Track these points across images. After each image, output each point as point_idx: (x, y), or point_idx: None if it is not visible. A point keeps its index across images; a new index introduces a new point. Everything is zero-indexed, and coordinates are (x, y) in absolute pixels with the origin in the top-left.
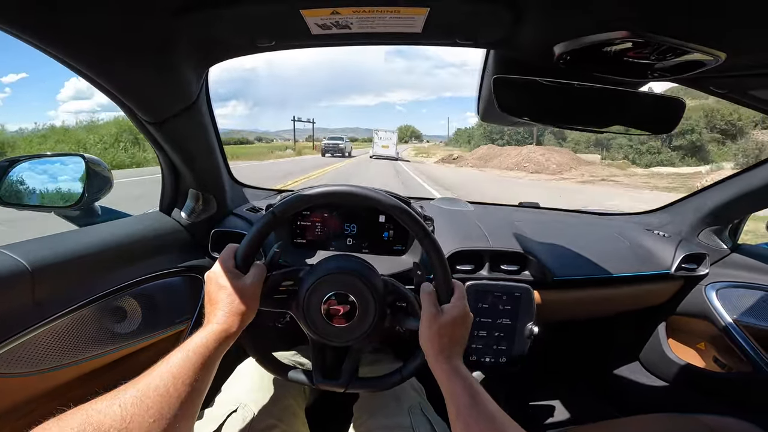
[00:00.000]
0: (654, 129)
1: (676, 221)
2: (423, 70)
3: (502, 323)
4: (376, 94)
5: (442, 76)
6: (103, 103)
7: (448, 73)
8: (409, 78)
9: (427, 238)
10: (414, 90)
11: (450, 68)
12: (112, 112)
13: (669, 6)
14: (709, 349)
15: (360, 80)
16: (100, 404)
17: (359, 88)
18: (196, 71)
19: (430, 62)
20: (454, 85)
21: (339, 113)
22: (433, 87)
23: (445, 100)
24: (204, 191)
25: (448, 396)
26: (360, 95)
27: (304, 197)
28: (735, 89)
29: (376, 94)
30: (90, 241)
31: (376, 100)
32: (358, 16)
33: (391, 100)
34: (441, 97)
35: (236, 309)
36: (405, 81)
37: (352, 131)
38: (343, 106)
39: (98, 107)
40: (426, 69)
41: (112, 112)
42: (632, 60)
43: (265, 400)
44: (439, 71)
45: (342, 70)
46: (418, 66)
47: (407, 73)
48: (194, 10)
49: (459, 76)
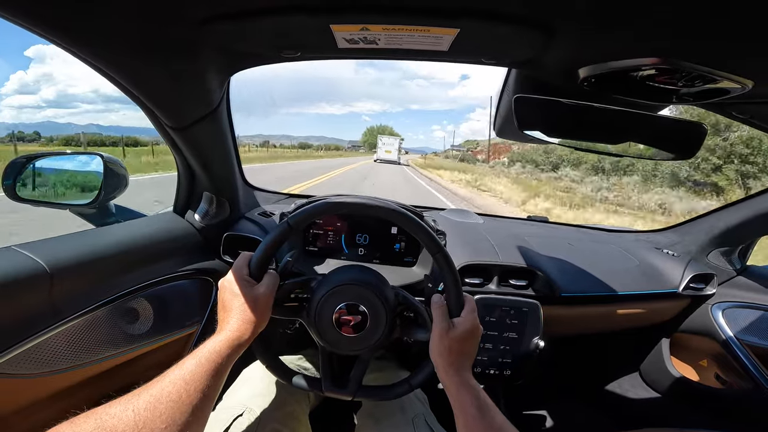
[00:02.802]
0: (674, 153)
1: (685, 241)
2: (392, 82)
3: (509, 337)
4: (344, 103)
5: (410, 88)
6: (49, 98)
7: (416, 85)
8: (377, 89)
9: (440, 252)
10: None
11: (418, 80)
12: (61, 108)
13: (701, 34)
14: (711, 366)
15: (330, 88)
16: (113, 408)
17: (328, 97)
18: (219, 78)
19: (399, 74)
20: (421, 97)
21: (307, 121)
22: (400, 99)
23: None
24: (218, 195)
25: (457, 407)
26: (329, 104)
27: (320, 208)
28: (757, 115)
29: (344, 104)
30: (107, 241)
31: (344, 110)
32: (387, 34)
33: (358, 110)
34: (408, 109)
35: (249, 317)
36: (374, 92)
37: (317, 139)
38: (312, 114)
39: (43, 103)
40: (395, 80)
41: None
42: (658, 85)
43: (269, 404)
44: (408, 83)
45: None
46: (387, 77)
47: (376, 84)
48: (222, 20)
49: (427, 88)
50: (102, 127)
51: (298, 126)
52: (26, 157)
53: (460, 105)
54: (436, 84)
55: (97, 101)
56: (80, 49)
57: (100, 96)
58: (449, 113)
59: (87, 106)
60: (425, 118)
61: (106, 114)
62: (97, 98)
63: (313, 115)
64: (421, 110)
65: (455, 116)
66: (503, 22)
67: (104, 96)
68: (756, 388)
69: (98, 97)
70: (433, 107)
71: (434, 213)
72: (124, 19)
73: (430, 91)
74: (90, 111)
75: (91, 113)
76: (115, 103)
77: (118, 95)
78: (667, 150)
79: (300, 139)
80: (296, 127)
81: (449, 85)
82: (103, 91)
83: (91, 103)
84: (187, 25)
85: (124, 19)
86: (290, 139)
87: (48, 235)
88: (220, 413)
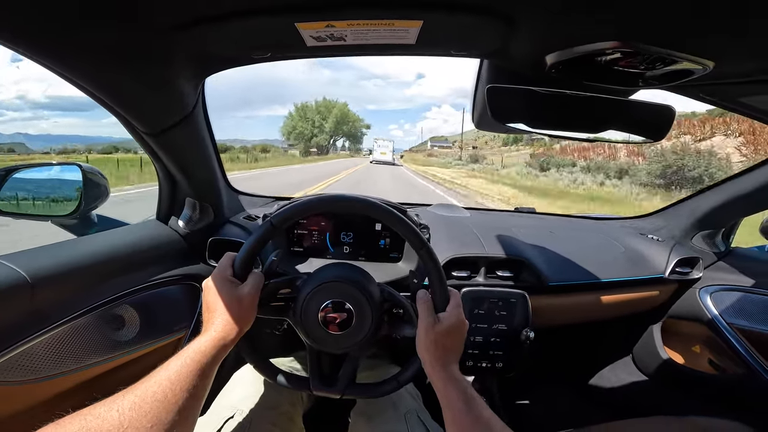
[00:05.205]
0: (645, 136)
1: (669, 225)
2: (348, 82)
3: (498, 329)
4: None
5: (367, 88)
6: None
7: (373, 84)
8: (334, 89)
9: (423, 247)
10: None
11: (375, 80)
12: None
13: (658, 16)
14: (703, 351)
15: (282, 90)
16: (98, 409)
17: (280, 99)
18: (192, 82)
19: (356, 73)
20: (378, 97)
21: (258, 124)
22: (357, 99)
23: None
24: (201, 200)
25: (444, 402)
26: (282, 106)
27: (302, 206)
28: (725, 97)
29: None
30: (88, 250)
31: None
32: (353, 29)
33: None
34: (365, 109)
35: (234, 317)
36: (330, 92)
37: (270, 142)
38: (264, 117)
39: None
40: (351, 80)
41: None
42: (623, 69)
43: (261, 406)
44: (365, 83)
45: (264, 80)
46: (344, 77)
47: (332, 84)
48: (192, 25)
49: (384, 88)
50: (30, 137)
51: (250, 129)
52: (5, 170)
53: (416, 104)
54: (392, 83)
55: (24, 108)
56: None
57: (27, 103)
58: (406, 112)
59: (12, 113)
60: (382, 117)
61: (35, 122)
62: (23, 105)
63: (264, 118)
64: (378, 110)
65: (412, 115)
66: (465, 13)
67: (32, 102)
68: (748, 373)
69: (25, 103)
70: (389, 107)
71: (420, 209)
72: (92, 26)
73: (386, 90)
74: (16, 119)
75: (18, 122)
76: (45, 110)
77: (47, 101)
78: (638, 133)
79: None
80: (248, 131)
81: (405, 84)
82: (31, 98)
83: (17, 110)
84: (157, 32)
85: (92, 26)
86: (243, 143)
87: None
88: (210, 416)
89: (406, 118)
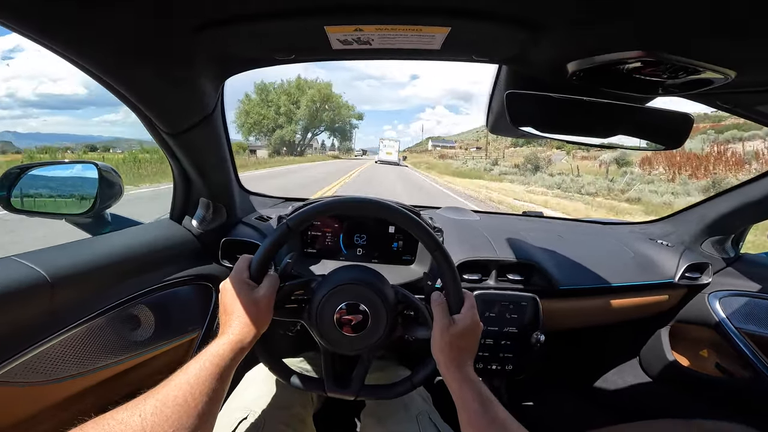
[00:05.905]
0: (664, 143)
1: (679, 231)
2: (343, 81)
3: (509, 332)
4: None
5: (361, 88)
6: None
7: (367, 85)
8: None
9: (438, 249)
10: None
11: (369, 80)
12: None
13: (681, 26)
14: (711, 356)
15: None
16: (120, 414)
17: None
18: (213, 83)
19: (350, 74)
20: (373, 98)
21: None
22: (352, 100)
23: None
24: (215, 200)
25: (460, 403)
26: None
27: (317, 209)
28: (741, 104)
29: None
30: (105, 250)
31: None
32: (380, 34)
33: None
34: (360, 109)
35: (251, 320)
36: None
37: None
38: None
39: None
40: (346, 80)
41: None
42: (644, 77)
43: (273, 407)
44: (359, 83)
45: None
46: (339, 77)
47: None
48: (216, 26)
49: (378, 88)
50: (19, 135)
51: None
52: (20, 168)
53: (410, 105)
54: (387, 84)
55: (14, 106)
56: (77, 56)
57: (16, 100)
58: (400, 113)
59: (1, 111)
60: (376, 118)
61: (25, 120)
62: (13, 103)
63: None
64: (373, 110)
65: (406, 116)
66: (492, 20)
67: (21, 100)
68: (756, 377)
69: (14, 101)
70: (384, 107)
71: (431, 211)
72: (120, 28)
73: (381, 91)
74: (5, 117)
75: (7, 120)
76: (34, 108)
77: (37, 99)
78: (656, 141)
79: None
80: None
81: (400, 85)
82: (21, 95)
83: (6, 108)
84: (182, 32)
85: (120, 27)
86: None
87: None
88: (223, 417)
89: (400, 118)
